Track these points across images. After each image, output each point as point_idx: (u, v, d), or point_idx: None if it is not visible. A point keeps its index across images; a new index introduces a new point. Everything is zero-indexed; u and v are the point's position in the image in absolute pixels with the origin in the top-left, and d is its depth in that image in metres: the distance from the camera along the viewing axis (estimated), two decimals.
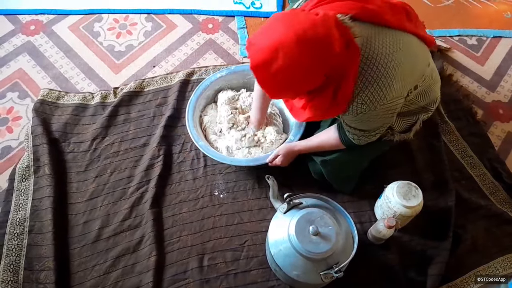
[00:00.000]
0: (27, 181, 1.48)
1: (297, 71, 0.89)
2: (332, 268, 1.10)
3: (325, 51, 0.89)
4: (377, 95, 1.00)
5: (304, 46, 0.86)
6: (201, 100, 1.58)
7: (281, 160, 1.37)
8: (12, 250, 1.34)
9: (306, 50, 0.87)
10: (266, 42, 0.89)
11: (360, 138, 1.17)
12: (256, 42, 0.91)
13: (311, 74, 0.92)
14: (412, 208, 1.24)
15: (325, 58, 0.90)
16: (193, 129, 1.47)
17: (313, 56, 0.88)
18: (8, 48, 1.87)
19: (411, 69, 1.05)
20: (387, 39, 1.01)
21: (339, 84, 0.98)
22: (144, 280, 1.30)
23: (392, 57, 0.99)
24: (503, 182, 1.52)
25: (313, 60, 0.89)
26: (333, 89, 0.99)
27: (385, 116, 1.08)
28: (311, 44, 0.87)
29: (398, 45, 1.01)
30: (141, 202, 1.44)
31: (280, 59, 0.87)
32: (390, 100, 1.02)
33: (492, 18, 2.02)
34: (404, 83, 1.04)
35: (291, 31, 0.86)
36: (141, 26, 1.96)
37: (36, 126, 1.57)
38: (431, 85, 1.19)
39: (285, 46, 0.86)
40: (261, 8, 2.02)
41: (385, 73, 0.98)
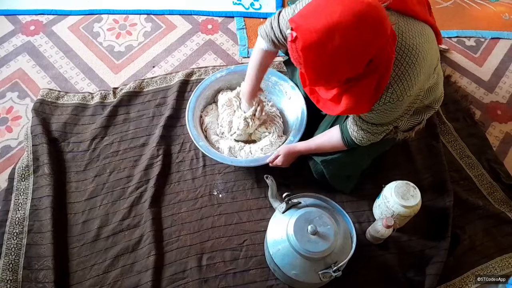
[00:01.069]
0: (26, 180, 1.48)
1: (352, 52, 0.85)
2: (330, 267, 1.10)
3: (381, 33, 0.86)
4: (407, 85, 0.99)
5: (363, 26, 0.83)
6: (200, 100, 1.58)
7: (281, 160, 1.38)
8: (11, 249, 1.34)
9: (364, 30, 0.83)
10: (321, 22, 0.83)
11: (366, 135, 1.16)
12: (307, 23, 0.85)
13: (364, 56, 0.88)
14: (410, 208, 1.24)
15: (378, 40, 0.87)
16: (193, 129, 1.47)
17: (370, 37, 0.85)
18: (8, 48, 1.87)
19: (432, 62, 1.05)
20: (416, 30, 1.01)
21: (385, 71, 0.94)
22: (143, 279, 1.30)
23: (421, 48, 0.99)
24: (501, 183, 1.53)
25: (369, 41, 0.85)
26: (377, 78, 0.95)
27: (407, 108, 1.08)
28: (370, 24, 0.84)
29: (424, 37, 1.01)
30: (140, 202, 1.45)
31: (337, 39, 0.83)
32: (414, 92, 1.02)
33: (490, 19, 2.03)
34: (427, 76, 1.04)
35: (350, 11, 0.82)
36: (140, 27, 1.96)
37: (35, 125, 1.57)
38: (438, 82, 1.19)
39: (344, 26, 0.82)
40: (260, 9, 2.03)
41: (416, 63, 0.98)
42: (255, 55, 1.32)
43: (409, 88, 1.00)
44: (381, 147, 1.29)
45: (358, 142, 1.20)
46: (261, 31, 1.23)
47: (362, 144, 1.20)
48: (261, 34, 1.24)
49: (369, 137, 1.17)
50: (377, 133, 1.16)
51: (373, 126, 1.14)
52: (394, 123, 1.15)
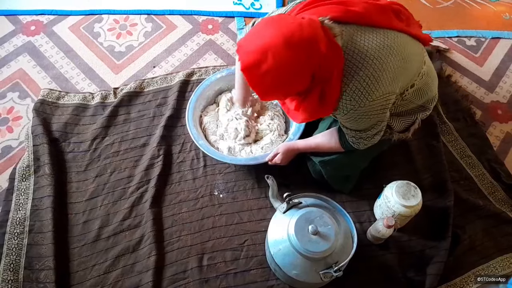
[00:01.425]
0: (27, 180, 1.48)
1: (285, 72, 0.92)
2: (331, 267, 1.10)
3: (312, 51, 0.91)
4: (364, 91, 1.01)
5: (292, 47, 0.89)
6: (201, 100, 1.58)
7: (280, 158, 1.38)
8: (12, 249, 1.34)
9: (294, 51, 0.89)
10: (255, 44, 0.91)
11: (359, 141, 1.18)
12: (246, 44, 0.94)
13: (299, 75, 0.94)
14: (411, 207, 1.24)
15: (312, 58, 0.92)
16: (193, 129, 1.47)
17: (301, 57, 0.90)
18: (8, 48, 1.87)
19: (403, 66, 1.06)
20: (373, 37, 1.02)
21: (325, 84, 1.00)
22: (143, 279, 1.30)
23: (378, 54, 1.00)
24: (502, 182, 1.53)
25: (300, 61, 0.91)
26: (319, 90, 1.01)
27: (377, 114, 1.08)
28: (299, 45, 0.89)
29: (385, 43, 1.03)
30: (141, 202, 1.45)
31: (269, 60, 0.89)
32: (379, 96, 1.03)
33: (490, 19, 2.03)
34: (394, 80, 1.04)
35: (279, 33, 0.89)
36: (141, 27, 1.96)
37: (36, 126, 1.58)
38: (429, 83, 1.20)
39: (274, 47, 0.89)
40: (261, 9, 2.03)
41: (371, 69, 1.00)
42: (237, 63, 1.36)
43: (368, 93, 1.01)
44: (378, 148, 1.29)
45: (356, 146, 1.20)
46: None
47: (360, 147, 1.21)
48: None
49: (362, 141, 1.18)
50: (368, 137, 1.16)
51: (358, 132, 1.15)
52: (378, 126, 1.14)
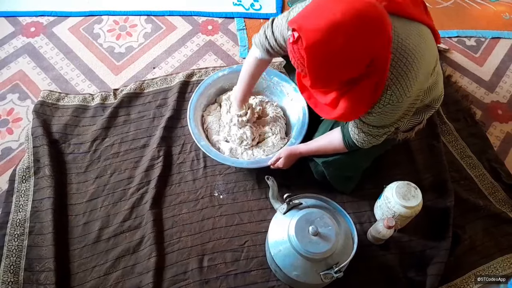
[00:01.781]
0: (27, 182, 1.48)
1: (354, 51, 0.86)
2: (332, 268, 1.10)
3: (382, 32, 0.87)
4: (405, 87, 0.99)
5: (365, 24, 0.84)
6: (202, 99, 1.58)
7: (282, 162, 1.37)
8: (12, 251, 1.34)
9: (366, 28, 0.84)
10: (323, 21, 0.84)
11: (368, 138, 1.16)
12: (309, 23, 0.86)
13: (365, 56, 0.88)
14: (411, 208, 1.24)
15: (379, 39, 0.87)
16: (195, 129, 1.47)
17: (371, 35, 0.86)
18: (8, 49, 1.87)
19: (430, 62, 1.05)
20: (412, 31, 1.00)
21: (382, 73, 0.95)
22: (144, 281, 1.30)
23: (417, 49, 0.98)
24: (502, 183, 1.53)
25: (370, 39, 0.86)
26: (376, 78, 0.95)
27: (407, 109, 1.08)
28: (371, 22, 0.85)
29: (421, 37, 1.01)
30: (141, 203, 1.45)
31: (340, 38, 0.83)
32: (414, 93, 1.02)
33: (490, 19, 2.03)
34: (425, 76, 1.04)
35: (351, 10, 0.83)
36: (141, 28, 1.96)
37: (36, 127, 1.57)
38: (438, 81, 1.18)
39: (346, 24, 0.83)
40: (261, 9, 2.03)
41: (413, 64, 0.97)
42: (248, 62, 1.34)
43: (408, 89, 1.00)
44: (381, 147, 1.28)
45: (360, 144, 1.19)
46: (255, 40, 1.25)
47: (364, 146, 1.20)
48: (255, 43, 1.25)
49: (370, 139, 1.17)
50: (378, 135, 1.16)
51: (374, 128, 1.14)
52: (395, 125, 1.15)
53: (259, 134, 1.54)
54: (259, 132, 1.53)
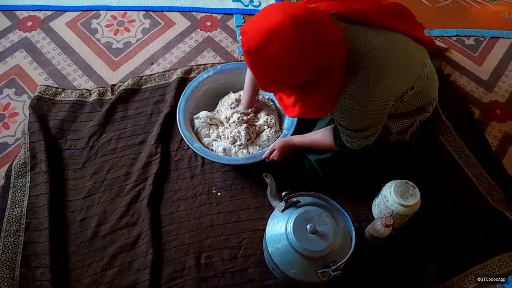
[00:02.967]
0: (23, 178, 1.47)
1: (292, 56, 0.88)
2: (329, 266, 1.10)
3: (320, 36, 0.89)
4: (364, 91, 0.99)
5: (300, 30, 0.86)
6: (190, 103, 1.56)
7: (277, 154, 1.38)
8: (8, 247, 1.33)
9: (302, 34, 0.86)
10: (262, 27, 0.87)
11: (353, 140, 1.17)
12: (250, 28, 0.90)
13: (305, 61, 0.90)
14: (409, 207, 1.24)
15: (319, 44, 0.89)
16: (186, 132, 1.46)
17: (308, 41, 0.87)
18: (5, 44, 1.86)
19: (403, 68, 1.05)
20: (376, 38, 1.01)
21: (330, 78, 0.97)
22: (141, 277, 1.30)
23: (380, 54, 0.99)
24: (500, 182, 1.53)
25: (308, 45, 0.88)
26: (325, 83, 0.98)
27: (375, 114, 1.07)
28: (307, 29, 0.87)
29: (388, 44, 1.01)
30: (139, 200, 1.44)
31: (275, 43, 0.86)
32: (378, 97, 1.02)
33: (490, 18, 2.03)
34: (395, 82, 1.04)
35: (287, 16, 0.86)
36: (139, 23, 1.95)
37: (33, 122, 1.56)
38: (429, 86, 1.19)
39: (281, 30, 0.85)
40: (260, 6, 2.02)
41: (372, 69, 0.98)
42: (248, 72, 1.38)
43: (368, 93, 1.00)
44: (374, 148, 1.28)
45: (349, 145, 1.20)
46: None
47: (354, 148, 1.20)
48: None
49: (356, 141, 1.17)
50: (363, 137, 1.15)
51: (353, 132, 1.14)
52: (374, 128, 1.14)
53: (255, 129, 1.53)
54: (254, 131, 1.52)
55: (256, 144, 1.49)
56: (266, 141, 1.49)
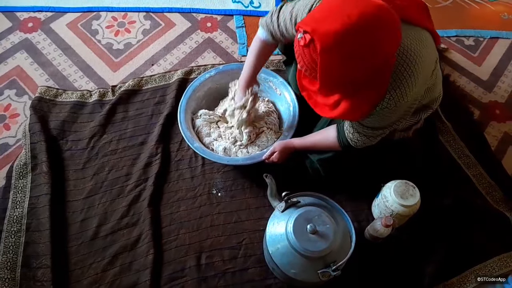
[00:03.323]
0: (24, 178, 1.47)
1: (368, 54, 0.85)
2: (329, 266, 1.10)
3: (394, 34, 0.87)
4: (404, 92, 0.98)
5: (380, 28, 0.83)
6: (191, 103, 1.56)
7: (277, 157, 1.37)
8: (9, 247, 1.34)
9: (382, 32, 0.84)
10: (338, 24, 0.83)
11: (362, 138, 1.16)
12: (323, 25, 0.84)
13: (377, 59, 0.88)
14: (409, 207, 1.25)
15: (392, 42, 0.87)
16: (187, 131, 1.46)
17: (386, 38, 0.85)
18: (5, 45, 1.86)
19: (429, 66, 1.05)
20: (413, 35, 1.00)
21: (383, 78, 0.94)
22: (141, 278, 1.30)
23: (418, 54, 0.98)
24: (500, 182, 1.53)
25: (385, 41, 0.86)
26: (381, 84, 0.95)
27: (404, 113, 1.08)
28: (386, 27, 0.84)
29: (422, 42, 1.01)
30: (139, 200, 1.44)
31: (355, 41, 0.83)
32: (412, 96, 1.02)
33: (489, 19, 2.03)
34: (424, 80, 1.04)
35: (366, 12, 0.82)
36: (139, 24, 1.95)
37: (33, 123, 1.57)
38: (436, 83, 1.18)
39: (362, 28, 0.82)
40: (260, 7, 2.02)
41: (413, 69, 0.97)
42: (254, 44, 1.33)
43: (407, 94, 0.99)
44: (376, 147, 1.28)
45: (353, 144, 1.19)
46: (262, 21, 1.25)
47: (357, 146, 1.20)
48: (262, 24, 1.25)
49: (364, 140, 1.17)
50: (373, 136, 1.16)
51: (370, 130, 1.14)
52: (392, 127, 1.15)
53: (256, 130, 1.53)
54: (256, 132, 1.52)
55: (255, 145, 1.50)
56: (265, 142, 1.49)
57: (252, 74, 1.39)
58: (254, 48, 1.33)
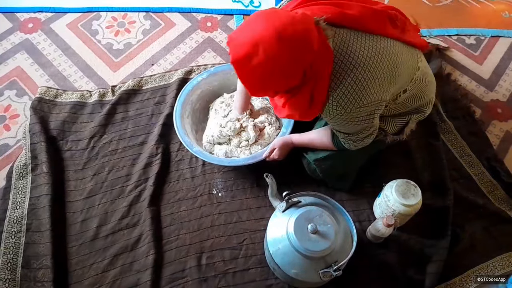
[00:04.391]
0: (24, 179, 1.47)
1: (276, 66, 0.90)
2: (330, 266, 1.10)
3: (304, 47, 0.90)
4: (351, 97, 1.00)
5: (284, 41, 0.87)
6: (186, 107, 1.55)
7: (278, 153, 1.37)
8: (9, 248, 1.33)
9: (285, 45, 0.88)
10: (247, 37, 0.90)
11: (349, 142, 1.18)
12: (236, 37, 0.92)
13: (290, 70, 0.93)
14: (411, 206, 1.24)
15: (303, 54, 0.91)
16: (185, 137, 1.46)
17: (292, 52, 0.89)
18: (6, 46, 1.86)
19: (393, 74, 1.05)
20: (365, 43, 1.02)
21: (316, 84, 0.99)
22: (142, 278, 1.30)
23: (369, 61, 1.00)
24: (501, 181, 1.53)
25: (292, 56, 0.90)
26: (310, 89, 0.99)
27: (364, 120, 1.08)
28: (291, 39, 0.88)
29: (377, 50, 1.02)
30: (139, 201, 1.44)
31: (260, 53, 0.88)
32: (367, 104, 1.02)
33: (490, 17, 2.03)
34: (384, 87, 1.04)
35: (271, 27, 0.88)
36: (139, 24, 1.95)
37: (33, 124, 1.57)
38: (423, 88, 1.20)
39: (265, 41, 0.87)
40: (260, 6, 2.02)
41: (359, 75, 0.99)
42: None
43: (355, 100, 1.00)
44: (372, 148, 1.28)
45: (347, 146, 1.21)
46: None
47: (351, 148, 1.21)
48: None
49: (352, 143, 1.18)
50: (358, 140, 1.17)
51: (347, 135, 1.16)
52: (367, 131, 1.14)
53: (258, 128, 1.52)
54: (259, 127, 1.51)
55: (257, 144, 1.49)
56: (267, 139, 1.49)
57: (246, 100, 1.46)
58: None
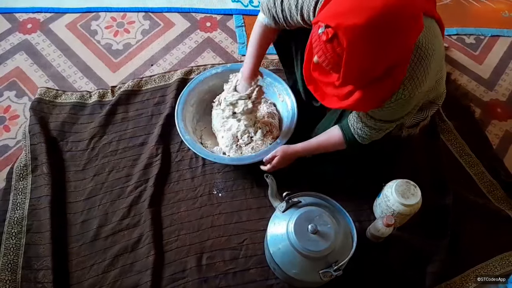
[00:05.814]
0: (24, 180, 1.47)
1: (393, 46, 0.85)
2: (331, 266, 1.10)
3: (416, 27, 0.87)
4: (418, 82, 0.97)
5: (404, 17, 0.83)
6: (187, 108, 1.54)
7: (278, 161, 1.34)
8: (10, 249, 1.33)
9: (406, 22, 0.83)
10: (363, 17, 0.81)
11: (370, 132, 1.15)
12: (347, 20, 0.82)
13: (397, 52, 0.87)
14: (410, 206, 1.24)
15: (414, 34, 0.87)
16: (186, 135, 1.45)
17: (410, 29, 0.85)
18: (5, 46, 1.86)
19: (440, 57, 1.03)
20: (427, 26, 0.97)
21: (403, 71, 0.93)
22: (142, 279, 1.30)
23: (430, 44, 0.96)
24: (501, 181, 1.53)
25: (409, 33, 0.85)
26: (397, 76, 0.94)
27: (415, 105, 1.07)
28: (409, 19, 0.84)
29: (434, 33, 0.99)
30: (140, 201, 1.44)
31: (381, 33, 0.82)
32: (424, 88, 1.01)
33: (490, 17, 2.03)
34: (436, 72, 1.03)
35: (389, 4, 0.81)
36: (138, 25, 1.95)
37: (33, 125, 1.56)
38: (442, 77, 1.16)
39: (387, 20, 0.81)
40: (259, 6, 2.01)
41: (426, 59, 0.96)
42: (255, 30, 1.27)
43: (420, 85, 0.98)
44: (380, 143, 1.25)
45: (360, 140, 1.18)
46: (263, 6, 1.20)
47: (364, 141, 1.19)
48: (263, 8, 1.20)
49: (373, 133, 1.15)
50: (382, 129, 1.14)
51: (380, 123, 1.12)
52: (400, 120, 1.14)
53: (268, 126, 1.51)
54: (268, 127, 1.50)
55: (249, 146, 1.48)
56: (259, 144, 1.46)
57: (255, 64, 1.33)
58: (255, 34, 1.28)
